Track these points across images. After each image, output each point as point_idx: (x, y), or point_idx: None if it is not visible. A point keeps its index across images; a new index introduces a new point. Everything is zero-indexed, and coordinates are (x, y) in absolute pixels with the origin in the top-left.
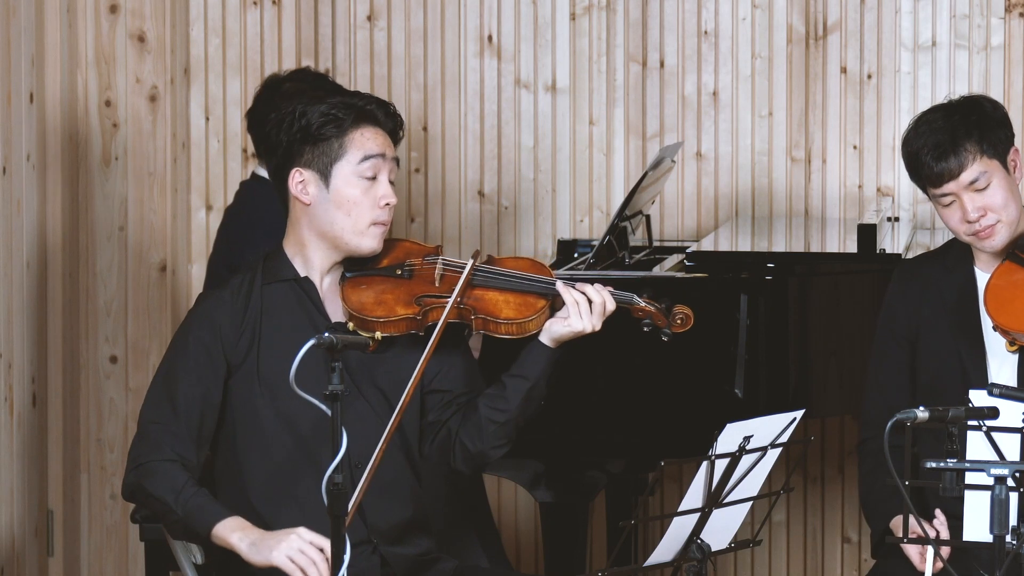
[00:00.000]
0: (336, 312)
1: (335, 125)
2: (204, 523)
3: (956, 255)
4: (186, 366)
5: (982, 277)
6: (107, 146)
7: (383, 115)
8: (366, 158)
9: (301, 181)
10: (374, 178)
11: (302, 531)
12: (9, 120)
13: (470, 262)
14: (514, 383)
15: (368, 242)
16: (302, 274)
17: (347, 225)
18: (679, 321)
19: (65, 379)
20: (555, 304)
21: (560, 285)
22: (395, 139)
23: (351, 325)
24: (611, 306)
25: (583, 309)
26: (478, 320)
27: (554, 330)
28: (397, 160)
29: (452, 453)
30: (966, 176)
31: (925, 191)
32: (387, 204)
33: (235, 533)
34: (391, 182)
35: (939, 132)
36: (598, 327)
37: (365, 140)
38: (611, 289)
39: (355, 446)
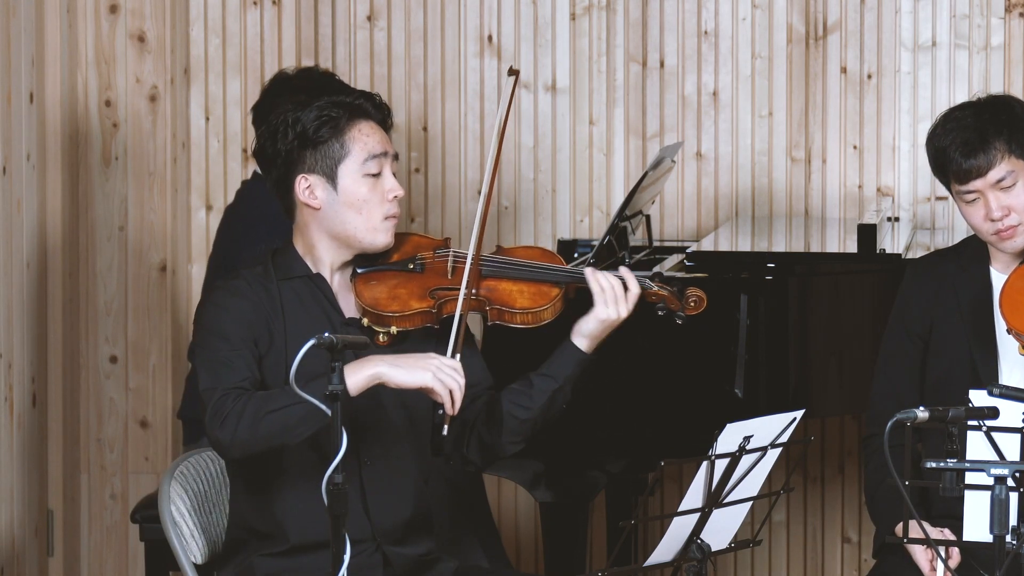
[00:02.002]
0: (350, 308)
1: (331, 126)
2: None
3: (971, 254)
4: (227, 340)
5: (998, 278)
6: (107, 146)
7: (372, 107)
8: (370, 157)
9: (308, 187)
10: (378, 174)
11: (435, 356)
12: (9, 120)
13: (471, 250)
14: (541, 382)
15: (382, 237)
16: (314, 271)
17: (360, 223)
18: (692, 303)
19: (65, 379)
20: (569, 292)
21: (588, 272)
22: (386, 128)
23: (365, 321)
24: (636, 288)
25: (608, 296)
26: (493, 311)
27: (584, 328)
28: (396, 155)
29: (466, 442)
30: (993, 174)
31: (948, 187)
32: (395, 197)
33: (366, 365)
34: (394, 174)
35: (968, 129)
36: (624, 314)
37: (365, 137)
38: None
39: (367, 444)
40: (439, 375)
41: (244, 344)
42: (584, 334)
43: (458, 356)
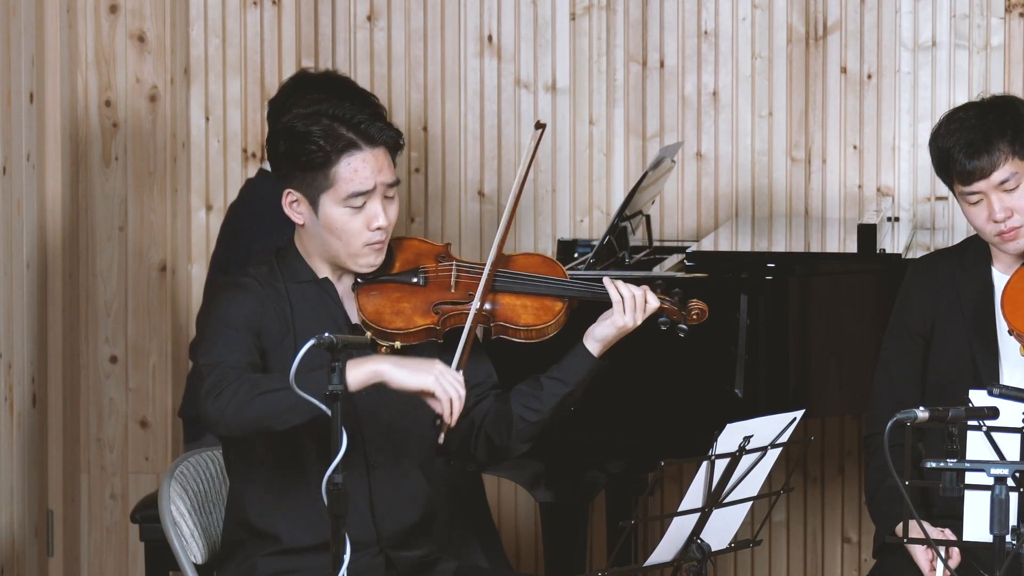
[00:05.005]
0: (354, 313)
1: (322, 155)
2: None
3: (973, 254)
4: (231, 327)
5: (1000, 279)
6: (107, 146)
7: (376, 132)
8: (355, 195)
9: (294, 201)
10: (363, 205)
11: (440, 363)
12: (9, 120)
13: (488, 267)
14: (552, 385)
15: (364, 261)
16: (320, 276)
17: (340, 249)
18: (695, 316)
19: (65, 379)
20: (572, 304)
21: (607, 282)
22: (393, 152)
23: (369, 335)
24: (655, 303)
25: (628, 304)
26: (497, 326)
27: (598, 333)
28: (397, 181)
29: (474, 442)
30: (997, 176)
31: (951, 188)
32: (378, 227)
33: (369, 361)
34: (388, 197)
35: (972, 130)
36: (638, 322)
37: (353, 173)
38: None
39: (372, 446)
40: (442, 381)
41: (248, 332)
42: (598, 338)
43: (461, 371)
